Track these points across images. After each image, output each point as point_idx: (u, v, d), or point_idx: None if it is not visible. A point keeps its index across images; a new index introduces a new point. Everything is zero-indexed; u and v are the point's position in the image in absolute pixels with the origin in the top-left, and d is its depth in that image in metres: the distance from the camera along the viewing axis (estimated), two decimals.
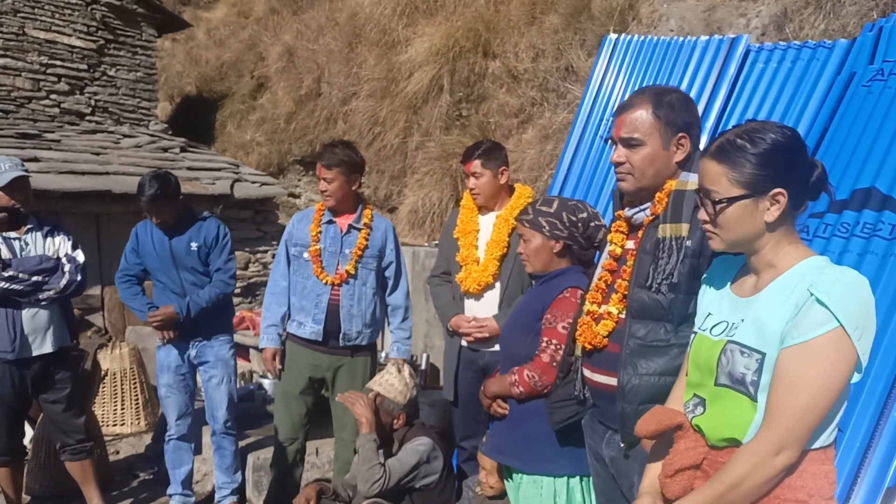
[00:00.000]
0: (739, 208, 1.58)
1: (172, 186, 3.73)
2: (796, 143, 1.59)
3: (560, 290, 2.59)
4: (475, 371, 3.37)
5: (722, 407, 1.61)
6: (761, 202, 1.57)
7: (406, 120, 7.58)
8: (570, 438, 2.42)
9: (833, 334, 1.45)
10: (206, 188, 7.29)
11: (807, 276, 1.52)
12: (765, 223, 1.57)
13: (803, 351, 1.47)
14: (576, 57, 5.97)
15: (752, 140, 1.57)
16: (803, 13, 4.43)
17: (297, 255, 3.65)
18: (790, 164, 1.56)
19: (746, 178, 1.56)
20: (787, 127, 1.63)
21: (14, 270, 3.47)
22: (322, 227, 3.63)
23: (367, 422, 3.09)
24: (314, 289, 3.58)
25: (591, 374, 2.15)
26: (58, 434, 3.80)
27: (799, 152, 1.58)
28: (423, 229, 6.72)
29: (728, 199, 1.58)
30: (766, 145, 1.56)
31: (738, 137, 1.59)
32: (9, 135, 7.14)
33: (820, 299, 1.46)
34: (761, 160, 1.56)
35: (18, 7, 7.85)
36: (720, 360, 1.61)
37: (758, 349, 1.54)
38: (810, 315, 1.47)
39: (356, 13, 8.95)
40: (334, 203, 3.58)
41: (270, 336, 3.66)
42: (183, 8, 13.45)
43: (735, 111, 3.59)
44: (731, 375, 1.59)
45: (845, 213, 2.81)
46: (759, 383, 1.54)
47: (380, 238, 3.67)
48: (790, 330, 1.49)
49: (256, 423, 4.76)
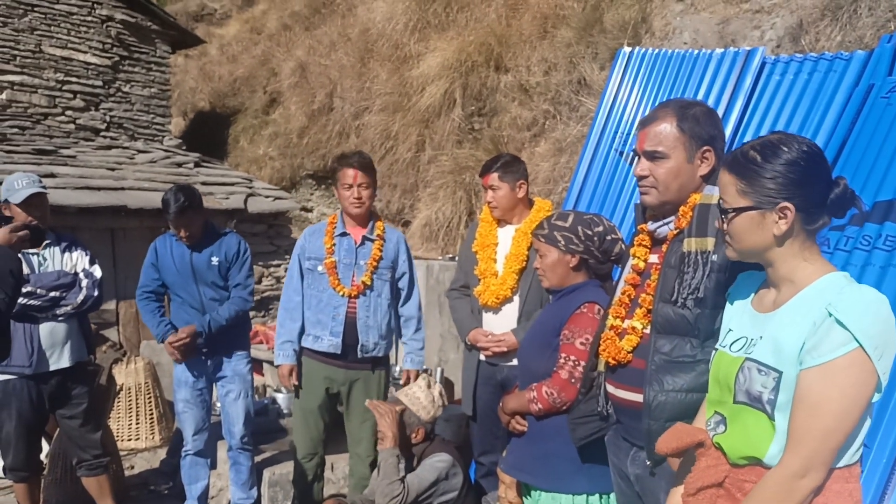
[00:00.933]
0: (746, 219, 1.59)
1: (198, 197, 3.77)
2: (812, 159, 1.57)
3: (577, 305, 2.57)
4: (494, 386, 3.35)
5: (742, 425, 1.60)
6: (769, 215, 1.57)
7: (418, 134, 7.60)
8: (590, 455, 2.40)
9: (853, 355, 1.44)
10: (220, 203, 7.32)
11: (825, 294, 1.51)
12: (773, 236, 1.57)
13: (824, 372, 1.46)
14: (588, 70, 5.97)
15: (764, 153, 1.58)
16: (819, 25, 4.41)
17: (311, 268, 3.63)
18: (801, 180, 1.55)
19: (753, 190, 1.57)
20: (808, 142, 1.61)
21: (32, 286, 3.48)
22: (336, 240, 3.60)
23: (392, 436, 3.07)
24: (330, 301, 3.56)
25: (615, 390, 2.13)
26: (74, 449, 3.80)
27: (813, 168, 1.57)
28: (437, 243, 6.72)
29: (735, 210, 1.59)
30: (776, 159, 1.56)
31: (752, 149, 1.59)
32: (25, 151, 7.21)
33: (839, 319, 1.45)
34: (769, 173, 1.56)
35: (35, 25, 7.94)
36: (738, 377, 1.60)
37: (775, 367, 1.53)
38: (830, 336, 1.46)
39: (368, 29, 9.00)
40: (365, 211, 3.57)
41: (286, 352, 3.63)
42: (196, 24, 13.59)
43: (751, 124, 3.57)
44: (749, 393, 1.58)
45: (867, 225, 2.79)
46: (777, 402, 1.53)
47: (392, 249, 3.67)
48: (810, 350, 1.48)
49: (271, 437, 4.74)
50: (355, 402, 3.61)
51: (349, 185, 3.50)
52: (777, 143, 1.58)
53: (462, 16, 7.94)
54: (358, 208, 3.54)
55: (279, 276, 7.89)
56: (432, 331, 5.45)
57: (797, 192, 1.54)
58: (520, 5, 7.42)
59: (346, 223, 3.63)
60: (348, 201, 3.53)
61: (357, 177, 3.49)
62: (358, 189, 3.50)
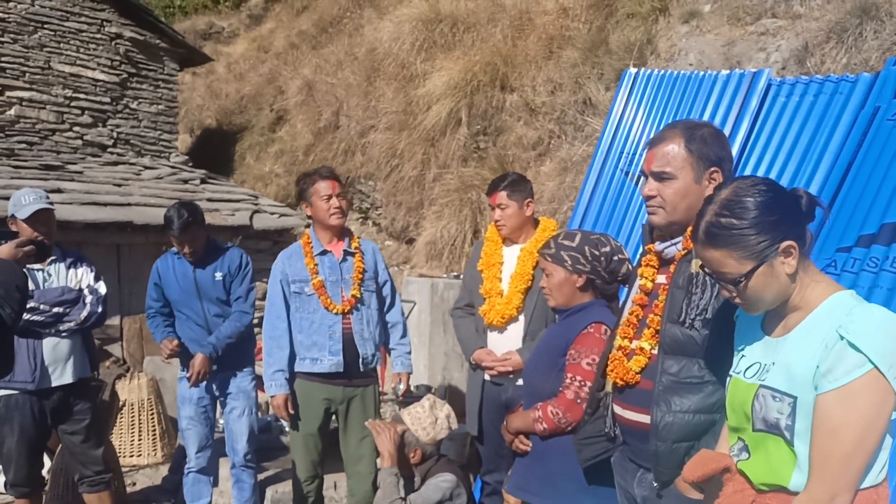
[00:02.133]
0: (760, 277, 1.57)
1: (200, 213, 3.79)
2: (776, 192, 1.58)
3: (584, 325, 2.57)
4: (498, 405, 3.34)
5: (764, 452, 1.60)
6: (776, 261, 1.56)
7: (424, 152, 7.62)
8: (596, 476, 2.38)
9: (869, 376, 1.44)
10: (225, 219, 7.34)
11: (834, 315, 1.51)
12: (787, 276, 1.57)
13: (841, 396, 1.45)
14: (594, 90, 6.00)
15: (735, 214, 1.56)
16: (825, 47, 4.43)
17: (298, 291, 3.55)
18: (783, 216, 1.55)
19: (752, 251, 1.56)
20: (753, 178, 1.62)
21: (36, 302, 3.48)
22: (317, 259, 3.57)
23: (388, 455, 3.05)
24: (324, 322, 3.52)
25: (622, 411, 2.12)
26: (76, 465, 3.79)
27: (782, 199, 1.58)
28: (441, 261, 6.71)
29: (745, 276, 1.57)
30: (749, 213, 1.55)
31: (721, 217, 1.57)
32: (33, 166, 7.24)
33: (851, 342, 1.45)
34: (755, 229, 1.55)
35: (45, 42, 8.00)
36: (754, 405, 1.60)
37: (789, 393, 1.53)
38: (844, 359, 1.46)
39: (375, 48, 9.06)
40: (344, 220, 3.58)
41: (279, 382, 3.53)
42: (204, 43, 13.69)
43: (757, 145, 3.58)
44: (766, 421, 1.58)
45: (874, 247, 2.78)
46: (794, 428, 1.53)
47: (371, 260, 3.68)
48: (825, 374, 1.47)
49: (274, 455, 4.73)
50: (353, 420, 3.59)
51: (327, 196, 3.49)
52: (736, 198, 1.57)
53: (468, 36, 7.99)
54: (340, 218, 3.53)
55: None
56: (437, 349, 5.43)
57: (785, 227, 1.55)
58: (526, 26, 7.47)
59: (321, 241, 3.60)
60: (329, 213, 3.51)
61: (334, 187, 3.51)
62: (337, 199, 3.50)
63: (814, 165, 3.26)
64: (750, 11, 5.24)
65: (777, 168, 3.42)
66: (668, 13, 5.86)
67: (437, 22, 8.20)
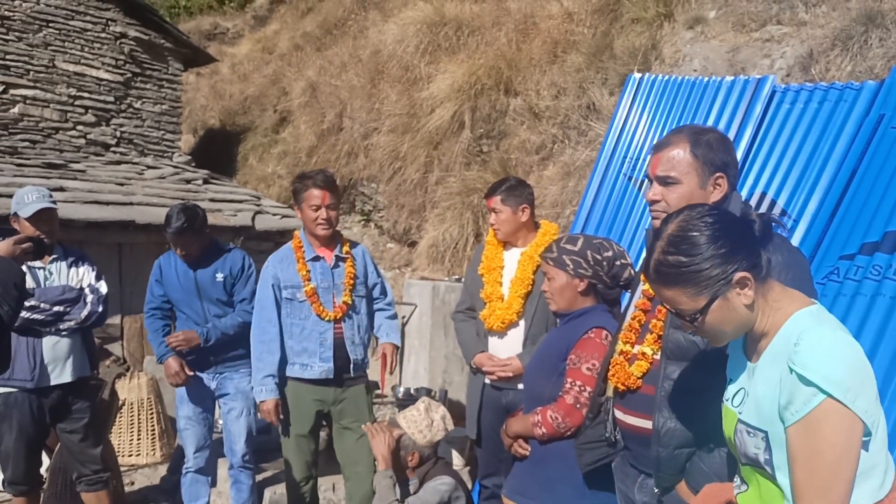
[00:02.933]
0: (716, 312, 1.52)
1: (199, 220, 3.76)
2: (724, 223, 1.52)
3: (584, 330, 2.56)
4: (498, 410, 3.33)
5: (756, 485, 1.59)
6: (731, 293, 1.51)
7: (427, 155, 7.62)
8: (596, 482, 2.37)
9: (825, 406, 1.39)
10: (227, 220, 7.34)
11: (788, 343, 1.47)
12: (745, 307, 1.52)
13: (804, 427, 1.42)
14: (598, 95, 6.00)
15: (682, 251, 1.51)
16: (829, 54, 4.42)
17: (290, 297, 3.49)
18: (733, 247, 1.50)
19: (703, 287, 1.50)
20: (701, 208, 1.57)
21: (36, 300, 3.47)
22: (309, 265, 3.51)
23: (382, 459, 3.05)
24: (315, 328, 3.47)
25: (624, 416, 2.11)
26: (74, 464, 3.78)
27: (732, 228, 1.52)
28: (443, 264, 6.71)
29: (699, 312, 1.52)
30: (697, 248, 1.50)
31: (667, 255, 1.52)
32: (36, 164, 7.24)
33: (800, 374, 1.41)
34: (705, 264, 1.49)
35: (49, 40, 8.01)
36: (735, 440, 1.59)
37: (760, 427, 1.51)
38: (798, 391, 1.42)
39: (379, 50, 9.07)
40: (332, 232, 3.51)
41: (269, 387, 3.46)
42: (209, 43, 13.72)
43: (761, 152, 3.57)
44: (747, 456, 1.57)
45: (877, 255, 2.77)
46: (773, 462, 1.50)
47: (361, 264, 3.64)
48: (786, 406, 1.45)
49: (273, 456, 4.70)
50: (347, 419, 3.56)
51: (317, 206, 3.40)
52: (683, 233, 1.52)
53: (472, 39, 7.99)
54: (326, 230, 3.45)
55: None
56: (437, 352, 5.42)
57: (737, 257, 1.49)
58: (530, 30, 7.48)
59: (312, 245, 3.55)
60: (315, 223, 3.43)
61: (325, 197, 3.40)
62: (326, 210, 3.41)
63: (817, 173, 3.25)
64: (755, 18, 5.24)
65: (780, 175, 3.41)
66: (672, 19, 5.86)
67: (441, 25, 8.21)
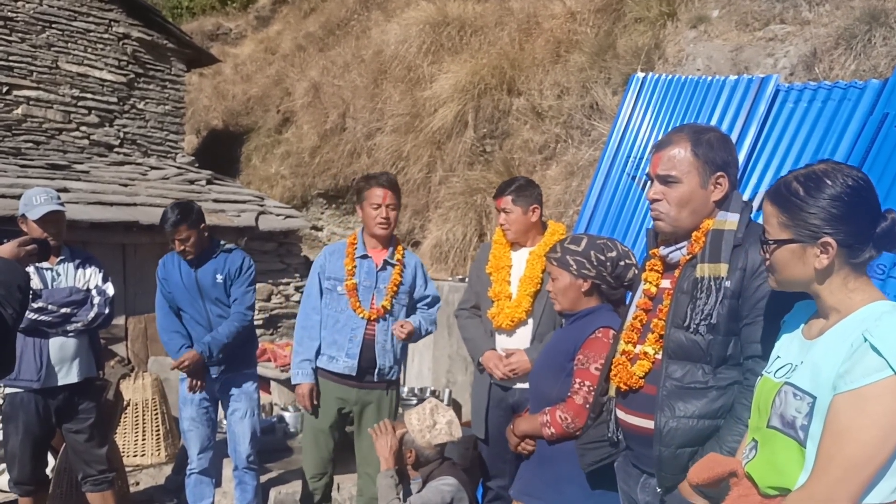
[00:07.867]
0: (787, 252, 1.56)
1: (195, 214, 3.75)
2: (857, 194, 1.52)
3: (591, 329, 2.56)
4: (505, 409, 3.32)
5: (771, 451, 1.57)
6: (810, 248, 1.53)
7: (430, 155, 7.63)
8: (600, 481, 2.37)
9: (886, 382, 1.37)
10: (231, 220, 7.35)
11: (865, 322, 1.47)
12: (815, 269, 1.54)
13: (855, 398, 1.40)
14: (601, 94, 5.99)
15: (807, 186, 1.54)
16: (833, 53, 4.42)
17: (330, 288, 3.56)
18: (844, 215, 1.51)
19: (794, 224, 1.54)
20: (855, 174, 1.55)
21: (43, 301, 3.48)
22: (357, 262, 3.56)
23: (384, 459, 3.05)
24: (348, 323, 3.51)
25: (626, 416, 2.11)
26: (80, 464, 3.79)
27: (858, 203, 1.52)
28: (447, 264, 6.71)
29: (776, 241, 1.57)
30: (819, 193, 1.52)
31: (796, 180, 1.56)
32: (39, 165, 7.27)
33: (874, 345, 1.40)
34: (811, 208, 1.52)
35: (53, 41, 8.03)
36: (774, 400, 1.57)
37: (810, 392, 1.49)
38: (864, 361, 1.41)
39: (382, 50, 9.08)
40: (390, 232, 3.53)
41: (305, 371, 3.54)
42: (211, 44, 13.74)
43: (764, 151, 3.57)
44: (783, 418, 1.54)
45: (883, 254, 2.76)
46: (809, 429, 1.49)
47: (410, 274, 3.64)
48: (843, 374, 1.43)
49: (277, 456, 4.72)
50: (367, 424, 3.56)
51: (377, 204, 3.46)
52: (822, 175, 1.54)
53: (475, 39, 8.00)
54: (385, 229, 3.50)
55: (288, 294, 7.89)
56: (441, 352, 5.43)
57: (840, 228, 1.50)
58: (533, 30, 7.48)
59: (367, 245, 3.59)
60: (375, 221, 3.48)
61: (386, 196, 3.45)
62: (386, 209, 3.46)
63: None
64: (758, 17, 5.24)
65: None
66: (676, 18, 5.86)
67: (444, 25, 8.22)
